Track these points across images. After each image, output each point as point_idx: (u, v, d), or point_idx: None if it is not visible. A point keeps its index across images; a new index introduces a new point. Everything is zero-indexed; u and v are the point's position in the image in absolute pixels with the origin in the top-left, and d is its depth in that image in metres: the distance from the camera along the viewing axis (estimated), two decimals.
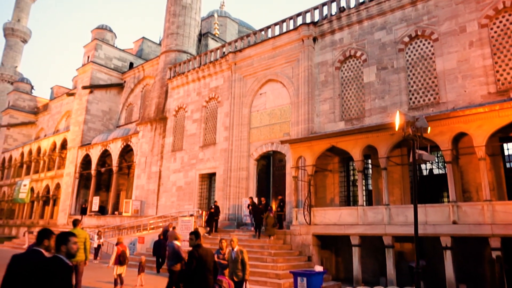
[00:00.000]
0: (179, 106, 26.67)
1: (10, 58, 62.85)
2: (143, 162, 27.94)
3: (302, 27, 19.57)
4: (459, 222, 11.87)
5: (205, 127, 24.51)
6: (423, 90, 15.76)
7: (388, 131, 13.60)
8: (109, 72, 36.92)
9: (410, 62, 16.32)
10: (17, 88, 52.95)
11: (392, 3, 17.12)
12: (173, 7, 30.11)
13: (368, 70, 17.42)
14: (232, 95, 22.46)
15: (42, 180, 39.59)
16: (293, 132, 18.99)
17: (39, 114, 51.05)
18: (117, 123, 36.74)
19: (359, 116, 17.29)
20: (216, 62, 24.24)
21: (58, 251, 3.96)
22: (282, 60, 20.56)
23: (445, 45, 15.33)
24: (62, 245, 3.98)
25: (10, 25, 63.20)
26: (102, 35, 38.55)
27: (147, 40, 41.47)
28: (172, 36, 29.60)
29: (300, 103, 19.03)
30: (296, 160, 16.64)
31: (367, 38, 17.81)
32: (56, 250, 3.97)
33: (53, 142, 39.64)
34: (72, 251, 4.04)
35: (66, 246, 3.98)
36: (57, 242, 4.01)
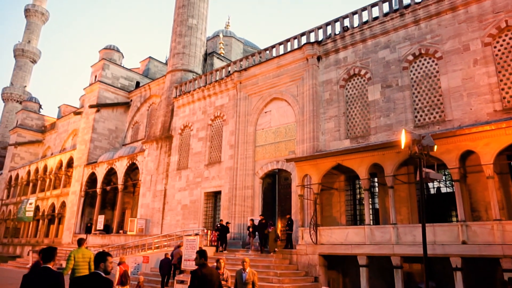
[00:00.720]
0: (185, 125, 26.82)
1: (19, 78, 63.92)
2: (149, 181, 27.94)
3: (306, 46, 19.77)
4: (468, 242, 11.65)
5: (211, 145, 24.56)
6: (428, 108, 15.73)
7: (394, 149, 13.52)
8: (116, 91, 37.36)
9: (415, 80, 16.36)
10: (26, 107, 53.68)
11: (395, 22, 17.29)
12: (179, 27, 30.64)
13: (372, 88, 17.47)
14: (237, 114, 22.57)
15: (47, 199, 39.66)
16: (298, 150, 18.96)
17: (46, 132, 51.55)
18: (123, 142, 36.95)
19: (365, 134, 17.25)
20: (222, 81, 24.47)
21: (97, 268, 4.59)
22: (287, 78, 20.71)
23: (449, 63, 15.38)
24: (101, 262, 4.59)
25: (21, 46, 64.51)
26: (110, 55, 39.19)
27: (153, 60, 42.06)
28: (178, 55, 30.02)
29: (305, 121, 19.06)
30: (302, 178, 16.55)
31: (371, 57, 17.93)
32: (95, 267, 4.61)
33: (60, 161, 39.87)
34: (108, 269, 4.63)
35: (105, 264, 4.59)
36: (97, 260, 4.62)
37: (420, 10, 16.54)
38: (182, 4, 31.18)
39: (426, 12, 16.37)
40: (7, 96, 61.87)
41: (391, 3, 17.95)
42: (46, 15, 68.77)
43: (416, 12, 16.65)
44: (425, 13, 16.41)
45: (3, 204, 47.91)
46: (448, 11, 15.84)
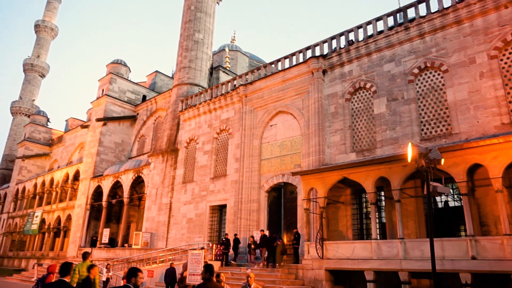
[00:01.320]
0: (191, 138, 26.90)
1: (28, 92, 64.78)
2: (154, 194, 27.92)
3: (311, 60, 19.87)
4: (478, 258, 11.42)
5: (216, 159, 24.57)
6: (434, 121, 15.65)
7: (401, 162, 13.41)
8: (122, 105, 37.68)
9: (421, 93, 16.32)
10: (34, 121, 54.25)
11: (400, 36, 17.35)
12: (186, 42, 31.00)
13: (378, 101, 17.45)
14: (243, 127, 22.61)
15: (53, 212, 39.73)
16: (304, 164, 18.88)
17: (54, 146, 51.95)
18: (129, 155, 37.09)
19: (371, 148, 17.17)
20: (227, 95, 24.60)
21: (128, 282, 5.07)
22: (292, 92, 20.77)
23: (455, 76, 15.35)
24: (132, 277, 5.05)
25: (30, 61, 65.56)
26: (117, 69, 39.67)
27: (160, 74, 42.48)
28: (185, 69, 30.30)
29: (310, 135, 19.03)
30: (308, 192, 16.44)
31: (376, 70, 17.95)
32: (127, 281, 5.10)
33: (66, 174, 40.05)
34: (138, 283, 5.08)
35: (135, 279, 5.05)
36: (129, 275, 5.11)
37: (425, 23, 16.60)
38: (188, 19, 31.61)
39: (431, 25, 16.42)
40: (16, 109, 62.63)
41: (395, 17, 18.06)
42: (56, 30, 70.02)
43: (421, 26, 16.70)
44: (430, 27, 16.46)
45: (10, 217, 48.06)
46: (453, 24, 15.88)
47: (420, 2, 17.11)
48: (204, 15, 31.81)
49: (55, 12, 71.25)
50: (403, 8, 17.73)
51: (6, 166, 59.12)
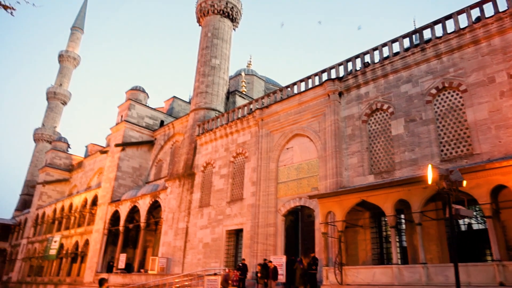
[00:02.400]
0: (207, 162, 26.98)
1: (50, 119, 66.74)
2: (171, 218, 27.87)
3: (327, 83, 19.91)
4: (506, 284, 10.84)
5: (233, 182, 24.48)
6: (454, 142, 15.30)
7: (421, 184, 13.05)
8: (140, 130, 38.32)
9: (439, 114, 16.06)
10: (55, 147, 55.58)
11: (416, 56, 17.28)
12: (203, 68, 31.62)
13: (396, 122, 17.23)
14: (259, 150, 22.59)
15: (72, 237, 40.00)
16: (321, 187, 18.62)
17: (73, 171, 52.89)
18: (147, 179, 37.38)
19: (389, 169, 16.83)
20: (244, 119, 24.75)
21: None
22: (308, 115, 20.75)
23: (474, 96, 15.08)
24: None
25: (53, 89, 67.87)
26: (136, 95, 40.60)
27: (177, 99, 43.25)
28: (201, 94, 30.77)
29: (327, 157, 18.83)
30: (325, 215, 16.12)
31: (393, 91, 17.83)
32: None
33: (85, 199, 40.52)
34: None
35: None
36: None
37: (441, 44, 16.51)
38: (205, 46, 32.35)
39: (448, 46, 16.32)
40: (39, 136, 64.43)
41: (411, 38, 18.06)
42: (78, 59, 72.64)
43: (438, 47, 16.62)
44: (446, 47, 16.36)
45: (29, 242, 48.59)
46: (470, 44, 15.75)
47: (436, 23, 17.10)
48: (221, 41, 32.52)
49: (78, 43, 74.13)
50: (419, 29, 17.74)
51: (28, 192, 60.37)
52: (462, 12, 16.40)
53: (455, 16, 16.54)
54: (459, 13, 16.48)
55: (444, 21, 16.88)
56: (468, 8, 16.22)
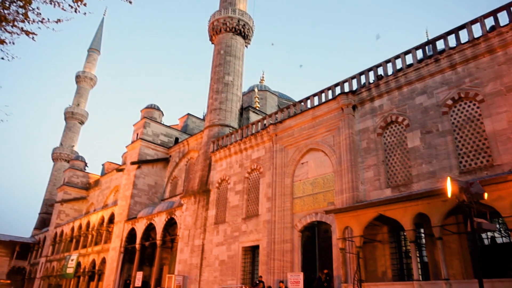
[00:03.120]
0: (222, 178, 26.98)
1: (68, 138, 68.11)
2: (186, 236, 27.80)
3: (341, 97, 19.84)
4: None
5: (248, 199, 24.37)
6: (473, 153, 14.96)
7: (440, 197, 12.75)
8: (156, 148, 38.72)
9: (456, 125, 15.77)
10: (73, 166, 56.53)
11: (430, 68, 17.11)
12: (216, 85, 31.95)
13: (411, 134, 16.98)
14: (274, 166, 22.50)
15: (89, 255, 40.23)
16: (337, 201, 18.36)
17: (90, 189, 53.58)
18: (162, 197, 37.55)
19: (406, 183, 16.52)
20: (258, 134, 24.77)
21: None
22: (322, 129, 20.65)
23: (492, 105, 14.78)
24: None
25: (71, 109, 69.45)
26: (151, 113, 41.19)
27: (191, 116, 43.69)
28: (215, 111, 31.01)
29: (343, 171, 18.62)
30: (342, 230, 15.85)
31: (407, 103, 17.63)
32: None
33: (101, 217, 40.86)
34: None
35: None
36: None
37: (456, 54, 16.32)
38: (218, 63, 32.75)
39: (462, 56, 16.12)
40: (57, 155, 65.70)
41: (424, 50, 17.93)
42: (94, 80, 74.36)
43: (452, 57, 16.43)
44: (461, 58, 16.16)
45: (48, 260, 49.05)
46: (486, 54, 15.53)
47: (449, 33, 16.95)
48: (233, 58, 32.88)
49: (94, 63, 76.00)
50: (432, 40, 17.60)
51: (46, 210, 61.32)
52: (475, 22, 16.23)
53: (468, 26, 16.37)
54: (472, 22, 16.31)
55: (457, 31, 16.72)
56: (482, 18, 16.05)
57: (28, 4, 8.79)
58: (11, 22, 9.10)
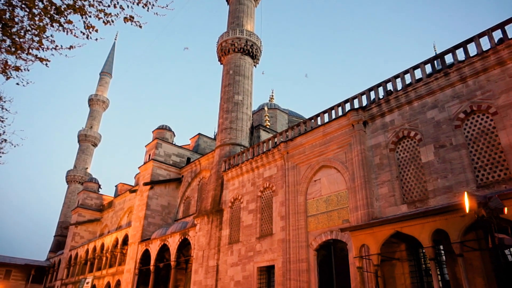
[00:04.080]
0: (235, 197, 26.94)
1: (82, 161, 69.02)
2: (200, 256, 27.65)
3: (351, 113, 19.84)
4: None
5: (261, 217, 24.24)
6: (490, 166, 14.73)
7: (458, 212, 12.54)
8: (168, 168, 38.96)
9: (470, 138, 15.60)
10: (86, 188, 57.09)
11: (440, 82, 17.05)
12: (226, 104, 32.24)
13: (425, 149, 16.82)
14: (286, 184, 22.43)
15: (104, 277, 40.18)
16: (352, 219, 18.15)
17: (104, 211, 53.89)
18: (175, 217, 37.56)
19: (422, 198, 16.28)
20: (269, 153, 24.79)
21: None
22: (334, 146, 20.60)
23: (506, 118, 14.62)
24: None
25: (84, 132, 70.60)
26: (162, 134, 41.62)
27: (202, 136, 44.01)
28: (226, 130, 31.21)
29: (357, 188, 18.46)
30: (359, 248, 15.61)
31: (419, 118, 17.54)
32: None
33: (115, 238, 40.95)
34: None
35: None
36: None
37: (465, 68, 16.27)
38: (228, 83, 33.13)
39: (472, 69, 16.06)
40: (71, 178, 66.51)
41: (433, 64, 17.91)
42: (107, 102, 75.70)
43: (461, 70, 16.38)
44: (471, 71, 16.10)
45: (63, 283, 49.09)
46: (496, 66, 15.45)
47: (457, 47, 16.95)
48: (243, 78, 33.23)
49: (106, 87, 77.51)
50: (440, 54, 17.61)
51: (61, 233, 61.76)
52: (483, 35, 16.21)
53: (476, 39, 16.35)
54: (480, 36, 16.29)
55: (465, 45, 16.70)
56: (490, 31, 16.03)
57: (43, 32, 9.06)
58: (26, 50, 9.40)
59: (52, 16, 8.63)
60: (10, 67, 10.07)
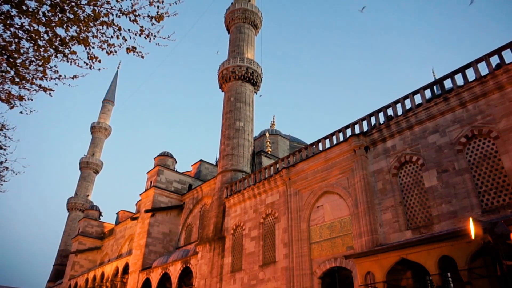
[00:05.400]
0: (237, 224, 26.63)
1: (83, 188, 68.78)
2: (203, 285, 27.06)
3: (352, 138, 19.86)
4: None
5: (264, 245, 23.86)
6: (494, 191, 14.59)
7: (464, 238, 12.32)
8: (169, 195, 38.73)
9: (473, 162, 15.53)
10: (87, 215, 56.61)
11: (440, 106, 17.14)
12: (228, 131, 32.39)
13: (427, 174, 16.73)
14: (289, 210, 22.20)
15: None
16: (356, 245, 17.85)
17: (105, 239, 53.20)
18: (177, 245, 37.02)
19: (427, 224, 16.05)
20: (271, 179, 24.68)
21: None
22: (336, 171, 20.52)
23: (507, 142, 14.59)
24: None
25: (86, 159, 70.68)
26: (164, 161, 41.62)
27: (204, 162, 43.96)
28: (228, 157, 31.21)
29: (360, 214, 18.25)
30: (364, 276, 15.27)
31: (420, 143, 17.54)
32: None
33: (116, 267, 40.25)
34: None
35: None
36: None
37: (465, 92, 16.39)
38: (229, 110, 33.40)
39: (471, 94, 16.18)
40: (72, 205, 66.08)
41: (432, 89, 18.06)
42: (109, 130, 76.17)
43: (461, 95, 16.50)
44: (470, 95, 16.21)
45: None
46: (495, 91, 15.57)
47: (455, 73, 17.14)
48: (244, 104, 33.53)
49: (109, 114, 78.23)
50: (439, 80, 17.79)
51: (61, 262, 60.77)
52: (481, 61, 16.42)
53: (474, 64, 16.56)
54: (478, 61, 16.50)
55: (463, 70, 16.90)
56: (487, 56, 16.24)
57: (47, 62, 9.21)
58: (29, 80, 9.54)
59: (56, 47, 8.81)
60: (14, 97, 10.20)
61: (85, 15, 8.35)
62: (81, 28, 8.48)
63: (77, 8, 8.15)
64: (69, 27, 8.35)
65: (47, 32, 8.46)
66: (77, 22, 8.29)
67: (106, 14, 8.49)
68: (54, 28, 8.38)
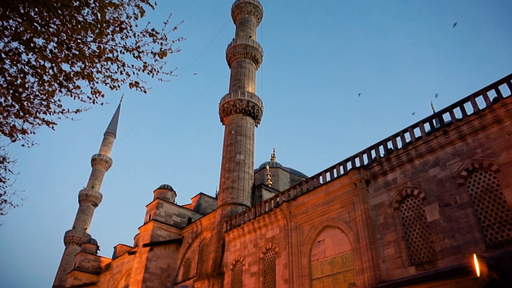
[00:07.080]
0: (236, 259, 26.08)
1: (81, 221, 67.81)
2: None
3: (353, 172, 19.83)
4: None
5: (264, 281, 23.27)
6: (497, 225, 14.39)
7: (469, 275, 12.06)
8: (168, 229, 38.14)
9: (475, 196, 15.42)
10: (84, 249, 55.50)
11: (440, 140, 17.24)
12: (228, 164, 32.39)
13: (429, 208, 16.57)
14: (289, 245, 21.83)
15: None
16: (358, 282, 17.41)
17: (101, 274, 51.86)
18: (175, 280, 36.07)
19: (431, 259, 15.72)
20: (271, 213, 24.43)
21: None
22: (337, 205, 20.35)
23: (509, 175, 14.55)
24: None
25: (85, 192, 70.14)
26: (164, 194, 41.32)
27: (204, 196, 43.63)
28: (228, 190, 31.03)
29: (362, 249, 17.93)
30: None
31: (421, 176, 17.49)
32: None
33: None
34: None
35: None
36: None
37: (464, 126, 16.53)
38: (230, 143, 33.56)
39: (470, 127, 16.31)
40: (69, 239, 64.89)
41: (431, 123, 18.24)
42: (110, 162, 76.09)
43: (460, 129, 16.62)
44: (469, 129, 16.34)
45: None
46: (494, 124, 15.70)
47: (454, 106, 17.37)
48: (244, 137, 33.73)
49: (110, 146, 78.44)
50: (438, 114, 18.00)
51: None
52: (478, 95, 16.67)
53: (471, 98, 16.80)
54: (475, 95, 16.76)
55: (462, 104, 17.13)
56: (484, 90, 16.51)
57: (51, 97, 9.34)
58: (33, 114, 9.64)
59: (61, 82, 8.98)
60: (17, 130, 10.28)
61: (91, 51, 8.58)
62: (86, 64, 8.68)
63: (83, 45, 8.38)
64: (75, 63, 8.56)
65: (53, 68, 8.65)
66: (83, 58, 8.49)
67: (111, 51, 8.72)
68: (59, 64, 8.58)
